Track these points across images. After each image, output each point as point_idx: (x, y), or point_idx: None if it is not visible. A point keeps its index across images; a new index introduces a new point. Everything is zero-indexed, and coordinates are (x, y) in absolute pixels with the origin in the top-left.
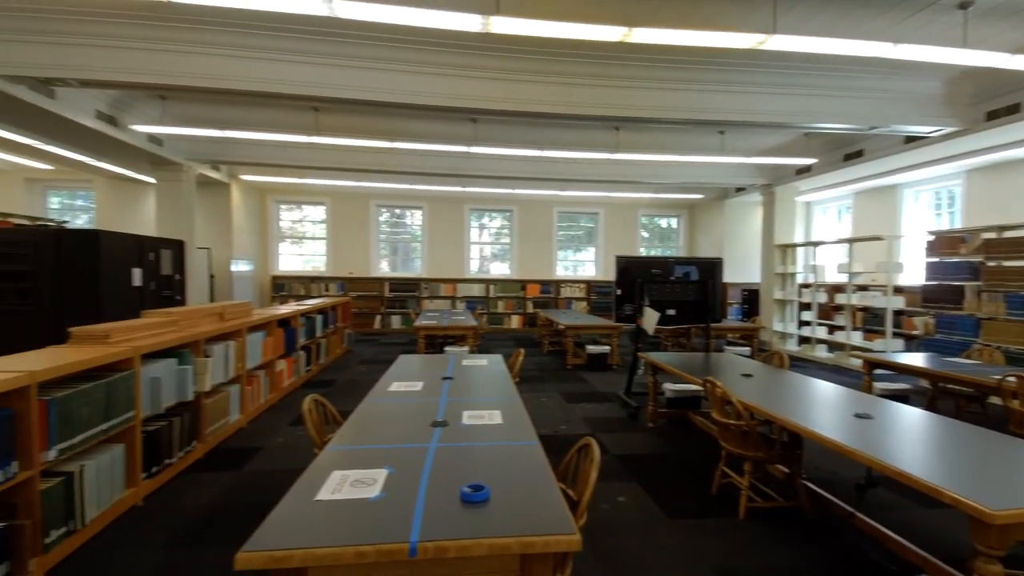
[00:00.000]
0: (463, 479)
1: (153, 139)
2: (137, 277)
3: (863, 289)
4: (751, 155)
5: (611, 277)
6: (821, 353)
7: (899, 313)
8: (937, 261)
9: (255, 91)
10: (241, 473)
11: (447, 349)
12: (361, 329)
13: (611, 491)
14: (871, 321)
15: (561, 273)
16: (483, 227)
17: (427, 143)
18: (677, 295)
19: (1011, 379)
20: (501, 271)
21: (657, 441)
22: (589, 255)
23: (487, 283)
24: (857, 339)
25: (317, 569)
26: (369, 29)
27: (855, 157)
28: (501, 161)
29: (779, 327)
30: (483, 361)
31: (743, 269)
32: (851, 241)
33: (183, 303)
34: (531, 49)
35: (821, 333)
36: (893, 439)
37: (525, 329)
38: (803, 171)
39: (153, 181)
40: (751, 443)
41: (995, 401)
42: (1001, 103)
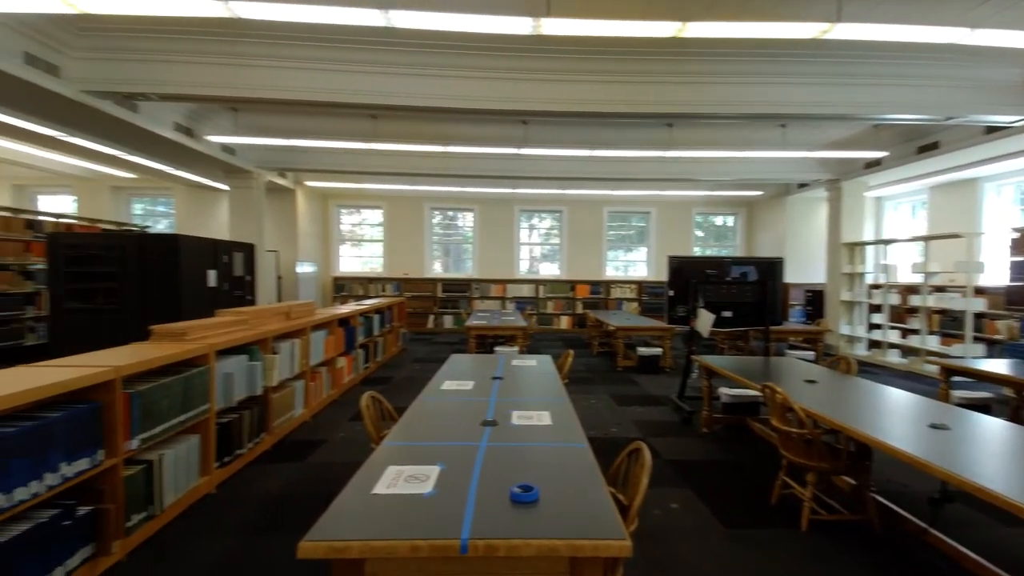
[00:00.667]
0: (512, 479)
1: (226, 149)
2: (212, 278)
3: (940, 290)
4: (815, 149)
5: (663, 278)
6: (893, 358)
7: (980, 316)
8: (1022, 260)
9: (318, 101)
10: (305, 464)
11: (497, 349)
12: (415, 328)
13: (664, 497)
14: (949, 324)
15: (611, 273)
16: (533, 228)
17: (478, 146)
18: (734, 296)
19: None
20: (550, 271)
21: (712, 447)
22: (640, 255)
23: (536, 284)
24: (933, 344)
25: (374, 561)
26: (423, 37)
27: (930, 149)
28: (551, 162)
29: (846, 330)
30: (532, 361)
31: (806, 269)
32: (927, 239)
33: (253, 303)
34: (582, 49)
35: (893, 337)
36: (972, 451)
37: (574, 330)
38: (872, 165)
39: (226, 188)
40: (815, 453)
41: None
42: None
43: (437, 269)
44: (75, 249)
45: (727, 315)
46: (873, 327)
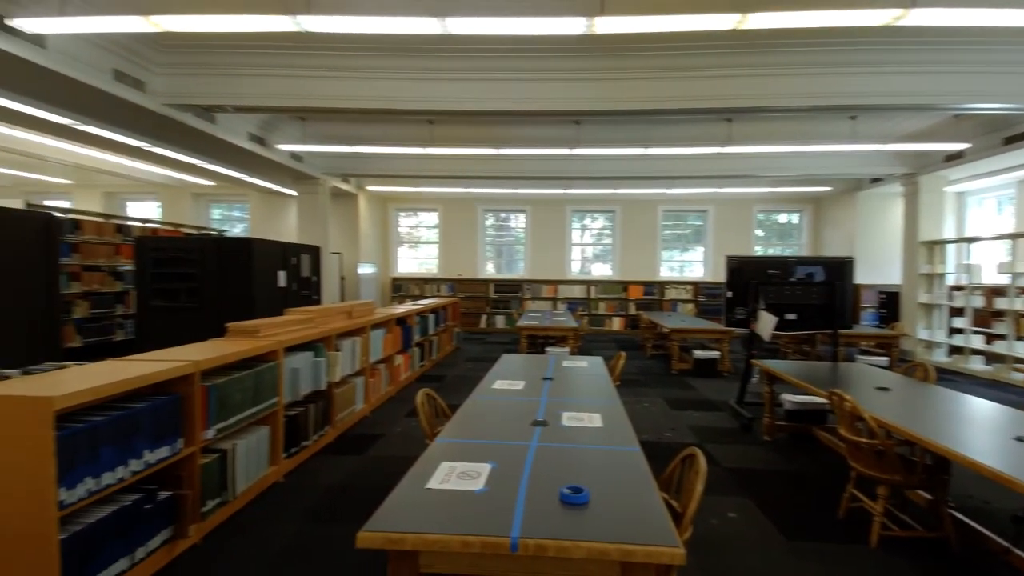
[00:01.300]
0: (562, 480)
1: (295, 156)
2: (282, 279)
3: None
4: (888, 141)
5: (721, 278)
6: (976, 366)
7: None
8: None
9: (378, 109)
10: (365, 457)
11: (548, 350)
12: (468, 328)
13: (721, 506)
14: None
15: (666, 274)
16: (585, 228)
17: (531, 148)
18: (798, 298)
19: None
20: (603, 272)
21: (774, 456)
22: (697, 255)
23: (588, 284)
24: (1021, 350)
25: (427, 554)
26: (476, 42)
27: (1018, 140)
28: (604, 161)
29: (924, 335)
30: (583, 363)
31: (880, 269)
32: (1015, 237)
33: (319, 302)
34: (634, 45)
35: (976, 343)
36: None
37: (627, 331)
38: (953, 157)
39: (295, 194)
40: (887, 465)
41: None
42: None
43: (490, 270)
44: (160, 252)
45: (791, 318)
46: (954, 332)
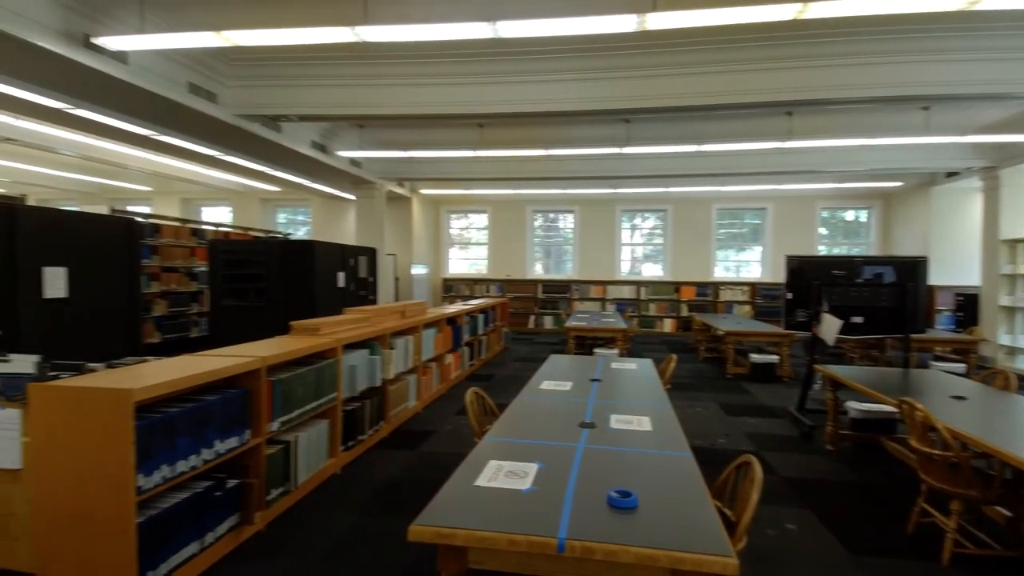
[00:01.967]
0: (610, 483)
1: (353, 162)
2: (341, 279)
3: None
4: (966, 133)
5: (780, 279)
6: None
7: None
8: None
9: (432, 114)
10: (416, 453)
11: (596, 351)
12: (517, 328)
13: (779, 516)
14: None
15: (720, 274)
16: (635, 228)
17: (580, 148)
18: (866, 300)
19: None
20: (653, 273)
21: (837, 466)
22: (754, 255)
23: (638, 285)
24: None
25: (476, 550)
26: (524, 44)
27: None
28: (655, 159)
29: (1005, 340)
30: (632, 365)
31: (957, 270)
32: None
33: (375, 302)
34: (689, 40)
35: None
36: None
37: (679, 333)
38: None
39: (353, 198)
40: (962, 479)
41: None
42: None
43: (538, 270)
44: (231, 254)
45: (857, 321)
46: None
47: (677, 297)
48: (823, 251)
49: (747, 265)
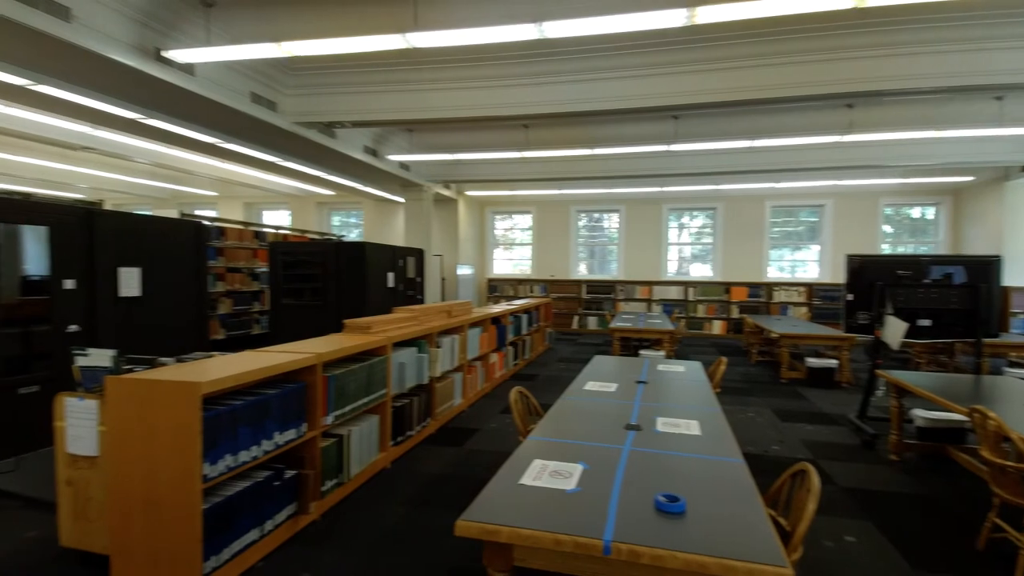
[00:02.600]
0: (657, 487)
1: (403, 166)
2: (391, 280)
3: None
4: None
5: (840, 279)
6: None
7: None
8: None
9: (480, 117)
10: (462, 450)
11: (642, 352)
12: (560, 328)
13: (837, 528)
14: None
15: (774, 275)
16: (683, 227)
17: (627, 146)
18: (934, 302)
19: None
20: (702, 273)
21: (901, 477)
22: (811, 254)
23: (686, 285)
24: None
25: (521, 548)
26: (571, 44)
27: None
28: (705, 156)
29: None
30: (680, 367)
31: None
32: None
33: (422, 302)
34: (738, 33)
35: None
36: None
37: (729, 336)
38: None
39: (402, 201)
40: None
41: None
42: None
43: (582, 271)
44: (289, 255)
45: (924, 324)
46: None
47: (727, 298)
48: (886, 250)
49: (803, 265)
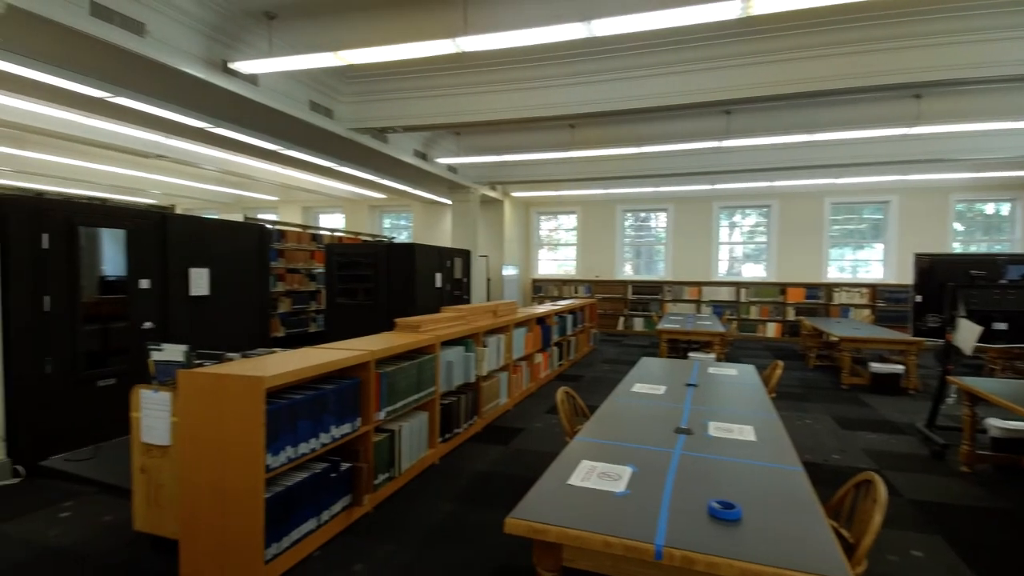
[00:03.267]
0: (710, 492)
1: (451, 168)
2: (439, 280)
3: None
4: None
5: (907, 280)
6: None
7: None
8: None
9: (525, 118)
10: (508, 448)
11: (691, 355)
12: (605, 329)
13: (903, 542)
14: None
15: (834, 275)
16: (734, 225)
17: (675, 143)
18: (1011, 304)
19: None
20: (755, 273)
21: (974, 490)
22: (874, 253)
23: (737, 286)
24: None
25: (570, 548)
26: (617, 41)
27: None
28: (758, 152)
29: None
30: (732, 371)
31: None
32: None
33: (468, 302)
34: (794, 23)
35: None
36: None
37: (784, 339)
38: None
39: (449, 203)
40: None
41: None
42: None
43: (628, 271)
44: (343, 256)
45: (1001, 328)
46: None
47: (783, 299)
48: (958, 249)
49: (866, 265)
